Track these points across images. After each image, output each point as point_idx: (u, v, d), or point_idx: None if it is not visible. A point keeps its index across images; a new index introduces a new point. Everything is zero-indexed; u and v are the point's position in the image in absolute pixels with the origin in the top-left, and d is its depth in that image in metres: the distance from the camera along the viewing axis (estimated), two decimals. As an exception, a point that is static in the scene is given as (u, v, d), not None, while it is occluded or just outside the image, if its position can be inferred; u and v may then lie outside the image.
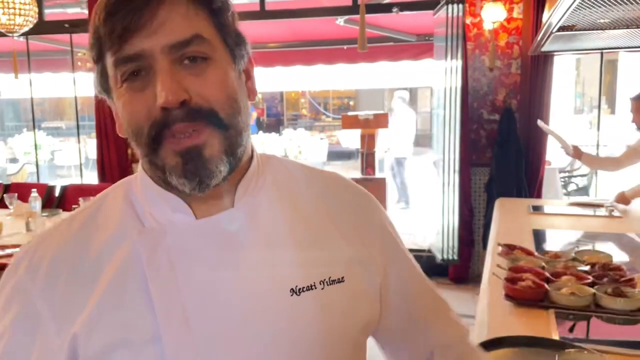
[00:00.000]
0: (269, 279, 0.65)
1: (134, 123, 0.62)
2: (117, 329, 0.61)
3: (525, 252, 1.93)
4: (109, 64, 0.62)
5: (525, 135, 4.24)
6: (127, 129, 0.64)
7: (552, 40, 2.64)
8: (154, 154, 0.62)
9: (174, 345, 0.60)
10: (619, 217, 2.73)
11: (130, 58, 0.60)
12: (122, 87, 0.62)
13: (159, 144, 0.61)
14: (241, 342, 0.62)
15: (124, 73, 0.61)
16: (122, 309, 0.62)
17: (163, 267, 0.63)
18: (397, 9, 4.48)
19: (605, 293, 1.52)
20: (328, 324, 0.67)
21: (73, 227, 0.68)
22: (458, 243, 4.34)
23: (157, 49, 0.59)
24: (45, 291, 0.63)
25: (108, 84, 0.65)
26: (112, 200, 0.70)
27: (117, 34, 0.60)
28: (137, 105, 0.61)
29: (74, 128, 6.14)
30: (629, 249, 2.18)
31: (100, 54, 0.63)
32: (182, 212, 0.66)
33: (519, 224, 2.63)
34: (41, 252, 0.66)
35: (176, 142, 0.61)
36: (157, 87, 0.59)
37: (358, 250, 0.73)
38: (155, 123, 0.61)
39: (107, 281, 0.63)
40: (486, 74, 4.34)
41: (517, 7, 4.21)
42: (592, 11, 1.88)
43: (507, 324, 1.46)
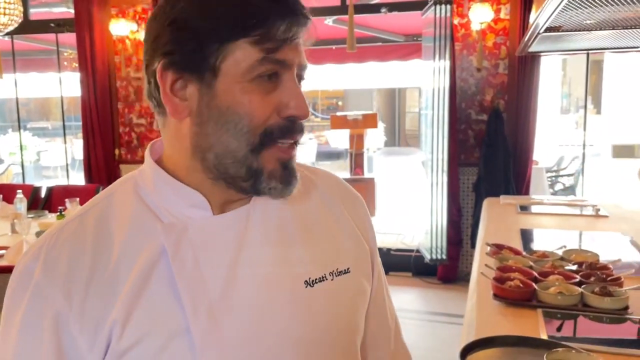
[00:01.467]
0: (285, 272, 0.68)
1: (250, 121, 0.63)
2: (147, 323, 0.62)
3: (513, 252, 1.94)
4: (248, 53, 0.62)
5: (512, 135, 4.28)
6: (232, 121, 0.63)
7: (539, 41, 2.66)
8: (254, 155, 0.64)
9: (202, 336, 0.62)
10: (605, 217, 2.75)
11: (278, 61, 0.63)
12: (252, 82, 0.63)
13: (264, 147, 0.64)
14: (262, 333, 0.65)
15: (264, 71, 0.63)
16: (151, 302, 0.63)
17: (188, 261, 0.64)
18: (385, 10, 4.49)
19: (592, 292, 1.53)
20: (339, 312, 0.72)
21: (87, 225, 0.67)
22: (446, 243, 4.35)
23: (294, 63, 0.65)
24: (66, 291, 0.63)
25: (205, 62, 0.62)
26: (122, 196, 0.69)
27: (284, 35, 0.62)
28: (264, 105, 0.64)
29: (61, 128, 6.08)
30: (616, 248, 2.20)
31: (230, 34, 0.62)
32: (200, 207, 0.68)
33: (507, 223, 2.64)
34: (55, 252, 0.65)
35: (283, 150, 0.66)
36: (290, 98, 0.64)
37: (359, 245, 0.78)
38: (278, 127, 0.64)
39: (134, 276, 0.63)
40: (474, 74, 4.36)
41: (504, 8, 4.24)
42: (579, 12, 1.90)
43: (495, 324, 1.46)
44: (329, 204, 0.78)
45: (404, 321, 4.31)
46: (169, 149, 0.70)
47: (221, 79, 0.63)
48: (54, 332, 0.62)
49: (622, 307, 1.50)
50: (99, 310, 0.62)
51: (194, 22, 0.62)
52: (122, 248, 0.65)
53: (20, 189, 3.72)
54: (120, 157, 5.22)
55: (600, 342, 1.34)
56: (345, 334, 0.74)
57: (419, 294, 4.41)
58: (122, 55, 5.07)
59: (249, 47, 0.62)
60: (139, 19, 5.03)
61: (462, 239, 4.50)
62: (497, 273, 1.68)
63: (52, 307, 0.63)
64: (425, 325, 3.74)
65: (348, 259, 0.75)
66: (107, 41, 5.07)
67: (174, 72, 0.64)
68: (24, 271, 0.65)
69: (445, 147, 4.20)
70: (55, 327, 0.62)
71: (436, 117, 4.24)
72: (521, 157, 4.28)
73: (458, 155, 4.38)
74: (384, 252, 4.87)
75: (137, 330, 0.62)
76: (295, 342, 0.67)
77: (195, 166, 0.67)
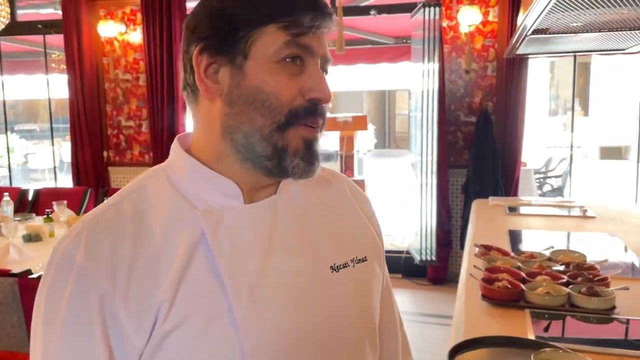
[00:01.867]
0: (312, 257, 0.74)
1: (276, 99, 0.68)
2: (191, 303, 0.65)
3: (502, 253, 1.95)
4: (276, 37, 0.67)
5: (501, 137, 4.30)
6: (260, 99, 0.68)
7: (527, 43, 2.67)
8: (279, 133, 0.69)
9: (244, 316, 0.66)
10: (592, 217, 2.77)
11: (303, 46, 0.68)
12: (279, 64, 0.68)
13: (290, 126, 0.69)
14: (296, 315, 0.70)
15: (290, 53, 0.68)
16: (194, 284, 0.66)
17: (226, 246, 0.68)
18: (375, 12, 4.51)
19: (579, 292, 1.54)
20: (362, 296, 0.78)
21: (124, 212, 0.69)
22: (436, 244, 4.37)
23: (320, 52, 0.71)
24: (110, 274, 0.65)
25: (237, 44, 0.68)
26: (155, 186, 0.72)
27: (309, 23, 0.68)
28: (290, 86, 0.69)
29: (49, 130, 6.02)
30: (603, 249, 2.22)
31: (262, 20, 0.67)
32: (233, 196, 0.72)
33: (495, 224, 2.66)
34: (96, 237, 0.67)
35: (308, 131, 0.70)
36: (313, 82, 0.69)
37: (372, 237, 0.84)
38: (303, 108, 0.69)
39: (177, 260, 0.66)
40: (463, 76, 4.38)
41: (492, 10, 4.27)
42: (565, 15, 1.91)
43: (483, 324, 1.47)
44: (342, 199, 0.84)
45: (393, 323, 4.18)
46: (200, 135, 0.74)
47: (251, 61, 0.68)
48: (100, 314, 0.64)
49: (609, 307, 1.51)
50: (143, 292, 0.65)
51: (229, 10, 0.68)
52: (161, 233, 0.68)
53: (7, 191, 3.68)
54: (108, 160, 5.19)
55: (587, 342, 1.35)
56: (368, 316, 0.79)
57: (409, 295, 4.42)
58: (111, 57, 5.04)
59: (277, 31, 0.67)
60: (128, 20, 5.01)
61: (452, 240, 4.52)
62: (485, 274, 1.69)
63: (98, 289, 0.65)
64: (415, 327, 3.74)
65: (364, 249, 0.81)
66: (95, 43, 5.04)
67: (209, 56, 0.69)
68: (65, 257, 0.67)
69: (435, 149, 4.22)
70: (101, 309, 0.64)
71: (425, 119, 4.25)
72: (509, 159, 4.31)
73: (447, 157, 4.39)
74: (374, 253, 4.87)
75: (183, 311, 0.65)
76: (326, 323, 0.72)
77: (225, 149, 0.71)
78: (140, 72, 5.02)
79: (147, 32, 4.76)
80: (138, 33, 4.97)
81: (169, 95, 4.79)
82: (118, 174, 5.21)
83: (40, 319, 0.67)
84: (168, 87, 4.77)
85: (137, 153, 5.17)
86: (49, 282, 0.67)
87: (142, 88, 5.03)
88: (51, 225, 3.18)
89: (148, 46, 4.77)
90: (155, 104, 4.83)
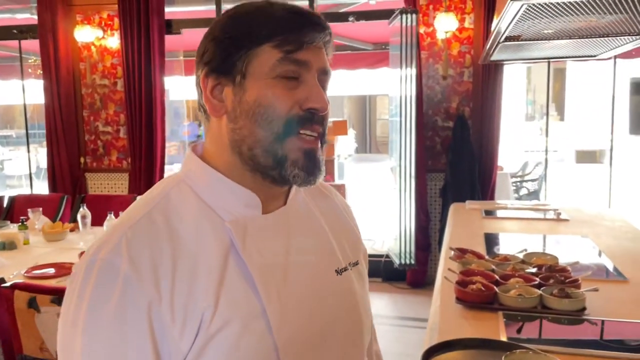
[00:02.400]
0: (321, 262, 0.82)
1: (273, 111, 0.73)
2: (230, 308, 0.70)
3: (477, 256, 1.97)
4: (270, 55, 0.73)
5: (477, 142, 4.36)
6: (258, 112, 0.73)
7: (500, 50, 2.72)
8: (278, 143, 0.74)
9: (277, 317, 0.72)
10: (566, 220, 2.83)
11: (297, 61, 0.73)
12: (275, 79, 0.73)
13: (287, 136, 0.73)
14: (315, 315, 0.78)
15: (284, 70, 0.73)
16: (231, 290, 0.71)
17: (254, 254, 0.74)
18: (353, 18, 4.54)
19: (551, 294, 1.57)
20: (360, 297, 0.87)
21: (157, 222, 0.73)
22: (415, 248, 4.40)
23: (316, 65, 0.75)
24: (155, 282, 0.68)
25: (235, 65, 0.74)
26: (180, 195, 0.76)
27: (300, 39, 0.73)
28: (286, 99, 0.73)
29: (25, 136, 5.92)
30: (575, 251, 2.26)
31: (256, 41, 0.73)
32: (254, 207, 0.78)
33: (472, 228, 2.69)
34: (137, 247, 0.70)
35: (307, 141, 0.75)
36: (310, 93, 0.74)
37: (360, 244, 0.95)
38: (298, 117, 0.73)
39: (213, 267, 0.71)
40: (440, 82, 4.44)
41: (468, 17, 4.33)
42: (536, 22, 1.95)
43: (457, 327, 1.48)
44: (337, 208, 0.93)
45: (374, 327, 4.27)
46: (212, 149, 0.79)
47: (249, 78, 0.74)
48: (148, 321, 0.67)
49: (580, 308, 1.54)
50: (186, 299, 0.69)
51: (229, 34, 0.75)
52: (194, 242, 0.72)
53: (-19, 199, 3.61)
54: (85, 166, 5.12)
55: (558, 343, 1.38)
56: (369, 314, 0.89)
57: (389, 299, 4.44)
58: (88, 62, 4.99)
59: (271, 50, 0.73)
60: (105, 25, 4.96)
61: (431, 244, 4.56)
62: (459, 277, 1.71)
63: (146, 297, 0.67)
64: (394, 331, 3.76)
65: (356, 253, 0.91)
66: (71, 48, 4.98)
67: (214, 78, 0.76)
68: (107, 266, 0.68)
69: (413, 154, 4.26)
70: (149, 317, 0.67)
71: (404, 124, 4.29)
72: (486, 163, 4.37)
73: (425, 162, 4.44)
74: (354, 258, 4.88)
75: (223, 315, 0.70)
76: (342, 321, 0.82)
77: (235, 161, 0.77)
78: (118, 77, 4.98)
79: (125, 37, 4.72)
80: (116, 38, 4.93)
81: (147, 101, 4.75)
82: (95, 181, 5.15)
83: (81, 326, 0.68)
84: (146, 93, 4.74)
85: (115, 159, 5.12)
86: (91, 291, 0.68)
87: (120, 93, 4.98)
88: (26, 233, 3.13)
89: (126, 51, 4.73)
90: (134, 109, 4.79)
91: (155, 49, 4.69)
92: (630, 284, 1.81)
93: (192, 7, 5.18)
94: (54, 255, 2.82)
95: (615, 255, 2.13)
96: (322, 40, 0.75)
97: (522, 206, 3.39)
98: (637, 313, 1.55)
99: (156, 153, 4.80)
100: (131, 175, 4.90)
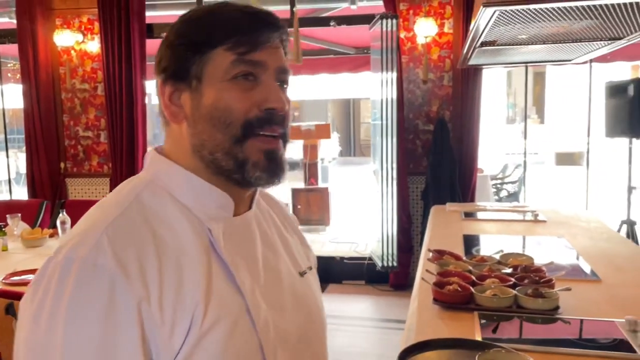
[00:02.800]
0: (288, 263, 0.85)
1: (230, 114, 0.72)
2: (219, 307, 0.71)
3: (454, 257, 1.99)
4: (223, 58, 0.72)
5: (458, 145, 4.41)
6: (216, 116, 0.72)
7: (478, 54, 2.77)
8: (238, 146, 0.73)
9: (260, 316, 0.74)
10: (543, 221, 2.87)
11: (252, 62, 0.73)
12: (231, 82, 0.72)
13: (246, 138, 0.73)
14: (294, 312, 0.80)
15: (239, 72, 0.72)
16: (218, 289, 0.72)
17: (233, 255, 0.75)
18: (334, 23, 4.57)
19: (525, 294, 1.59)
20: (321, 300, 0.89)
21: (135, 221, 0.71)
22: (397, 250, 4.43)
23: (273, 65, 0.74)
24: (143, 281, 0.67)
25: (190, 70, 0.73)
26: (153, 196, 0.75)
27: (254, 40, 0.72)
28: (243, 101, 0.73)
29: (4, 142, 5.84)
30: (551, 251, 2.30)
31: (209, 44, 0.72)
32: (227, 208, 0.78)
33: (451, 229, 2.72)
34: (120, 245, 0.68)
35: (267, 142, 0.74)
36: (267, 93, 0.73)
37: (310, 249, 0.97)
38: (257, 119, 0.73)
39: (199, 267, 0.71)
40: (420, 86, 4.49)
41: (447, 22, 4.39)
42: (510, 27, 2.00)
43: (434, 327, 1.50)
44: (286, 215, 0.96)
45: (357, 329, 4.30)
46: (174, 153, 0.78)
47: (205, 82, 0.73)
48: (138, 320, 0.66)
49: (553, 308, 1.57)
50: (175, 298, 0.68)
51: (181, 40, 0.74)
52: (175, 241, 0.72)
53: (-42, 205, 3.56)
54: (66, 171, 5.07)
55: (532, 342, 1.40)
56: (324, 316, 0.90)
57: (372, 301, 4.46)
58: (68, 67, 4.94)
59: (225, 52, 0.72)
60: (85, 29, 4.93)
61: (413, 246, 4.59)
62: (437, 278, 1.73)
63: (134, 296, 0.66)
64: (377, 332, 3.78)
65: (309, 259, 0.93)
66: (51, 52, 4.94)
67: (171, 85, 0.75)
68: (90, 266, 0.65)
69: (394, 157, 4.29)
70: (139, 316, 0.66)
71: (385, 127, 4.33)
72: (466, 166, 4.43)
73: (407, 165, 4.48)
74: (337, 260, 4.90)
75: (214, 314, 0.70)
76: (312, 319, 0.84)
77: (199, 165, 0.76)
78: (99, 82, 4.95)
79: (105, 42, 4.69)
80: (96, 42, 4.90)
81: (128, 105, 4.73)
82: (76, 186, 5.10)
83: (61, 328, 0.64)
84: (127, 97, 4.71)
85: (96, 164, 5.07)
86: (71, 291, 0.64)
87: (101, 97, 4.95)
88: (4, 239, 3.09)
89: (106, 55, 4.70)
90: (114, 113, 4.76)
91: (136, 53, 4.67)
92: (604, 284, 1.85)
93: (173, 11, 5.16)
94: (33, 262, 2.79)
95: (590, 256, 2.17)
96: (278, 39, 0.75)
97: (501, 208, 3.44)
98: (609, 312, 1.58)
99: (138, 157, 4.77)
100: (112, 180, 4.87)
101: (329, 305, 4.37)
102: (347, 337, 3.70)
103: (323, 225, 6.76)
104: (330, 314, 4.33)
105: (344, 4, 4.80)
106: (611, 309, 1.61)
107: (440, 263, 1.92)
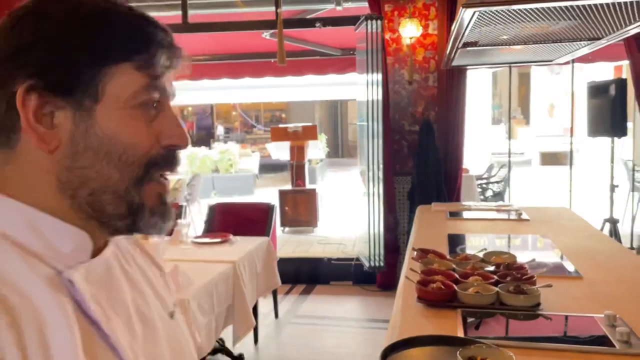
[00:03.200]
0: (157, 305, 0.70)
1: (134, 150, 0.59)
2: None
3: (438, 256, 2.01)
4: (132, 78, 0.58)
5: (443, 145, 4.45)
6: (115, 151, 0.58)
7: (461, 55, 2.80)
8: (137, 188, 0.60)
9: None
10: (526, 220, 2.91)
11: (162, 88, 0.61)
12: (136, 110, 0.59)
13: (147, 180, 0.60)
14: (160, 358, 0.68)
15: (150, 99, 0.59)
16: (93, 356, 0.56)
17: (103, 306, 0.60)
18: (320, 24, 4.59)
19: (507, 291, 1.61)
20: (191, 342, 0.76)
21: None
22: (384, 250, 4.45)
23: (172, 93, 0.63)
24: None
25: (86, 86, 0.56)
26: None
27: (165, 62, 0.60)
28: (148, 134, 0.60)
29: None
30: (533, 249, 2.34)
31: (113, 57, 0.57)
32: (84, 250, 0.61)
33: (436, 229, 2.75)
34: None
35: (162, 184, 0.62)
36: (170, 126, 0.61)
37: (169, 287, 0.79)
38: (160, 158, 0.61)
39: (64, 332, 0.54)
40: (406, 87, 4.52)
41: (431, 23, 4.42)
42: (491, 29, 2.03)
43: (418, 325, 1.52)
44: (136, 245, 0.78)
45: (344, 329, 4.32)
46: (20, 186, 0.58)
47: (103, 105, 0.57)
48: None
49: (534, 304, 1.59)
50: None
51: (71, 40, 0.55)
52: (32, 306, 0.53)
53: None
54: None
55: (514, 339, 1.42)
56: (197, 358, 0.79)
57: (360, 301, 4.48)
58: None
59: (133, 71, 0.58)
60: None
61: (399, 246, 4.62)
62: (421, 276, 1.75)
63: None
64: (365, 333, 3.80)
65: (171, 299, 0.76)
66: None
67: (39, 97, 0.55)
68: None
69: (381, 157, 4.32)
70: None
71: (371, 128, 4.35)
72: (452, 166, 4.46)
73: (393, 165, 4.50)
74: (325, 262, 4.92)
75: None
76: None
77: (60, 207, 0.58)
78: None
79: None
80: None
81: None
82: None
83: None
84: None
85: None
86: None
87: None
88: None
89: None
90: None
91: None
92: (585, 281, 1.88)
93: (158, 13, 5.15)
94: None
95: (572, 253, 2.20)
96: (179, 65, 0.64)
97: (486, 207, 3.48)
98: (589, 308, 1.61)
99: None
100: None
101: (317, 306, 4.39)
102: (335, 337, 3.72)
103: (311, 226, 6.77)
104: (318, 315, 4.37)
105: (330, 5, 4.82)
106: (591, 305, 1.63)
107: (424, 262, 1.93)
